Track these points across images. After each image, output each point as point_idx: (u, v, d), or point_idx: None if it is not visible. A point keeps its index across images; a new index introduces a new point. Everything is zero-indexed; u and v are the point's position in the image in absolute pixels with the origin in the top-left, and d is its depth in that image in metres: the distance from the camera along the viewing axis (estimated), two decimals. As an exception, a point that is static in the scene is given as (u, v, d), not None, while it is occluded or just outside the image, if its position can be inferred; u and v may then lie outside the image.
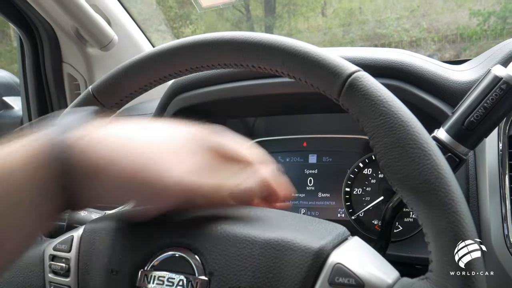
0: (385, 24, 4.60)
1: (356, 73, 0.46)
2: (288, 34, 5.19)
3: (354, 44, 4.57)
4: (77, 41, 1.11)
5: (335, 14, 5.24)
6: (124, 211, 0.56)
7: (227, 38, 0.52)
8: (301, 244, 0.44)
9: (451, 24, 4.50)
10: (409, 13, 4.75)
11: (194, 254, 0.48)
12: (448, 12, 4.63)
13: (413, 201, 0.41)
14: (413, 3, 4.81)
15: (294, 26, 5.31)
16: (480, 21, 4.23)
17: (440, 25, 4.53)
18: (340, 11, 5.12)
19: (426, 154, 0.41)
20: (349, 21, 4.99)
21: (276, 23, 5.34)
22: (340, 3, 5.20)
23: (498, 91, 0.53)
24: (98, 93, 0.57)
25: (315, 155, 0.94)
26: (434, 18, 4.58)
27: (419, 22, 4.56)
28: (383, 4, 4.92)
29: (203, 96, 0.87)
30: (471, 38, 4.16)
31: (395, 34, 4.49)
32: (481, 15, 4.23)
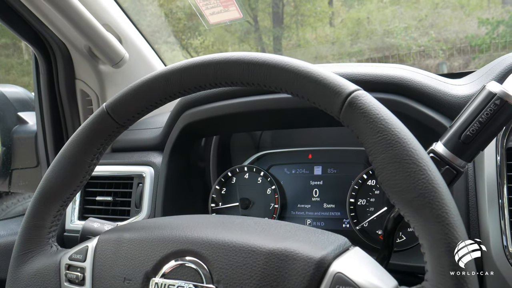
0: (393, 34, 4.59)
1: (355, 92, 0.48)
2: (296, 45, 5.20)
3: (362, 54, 4.57)
4: (89, 59, 1.14)
5: (343, 24, 5.25)
6: (135, 222, 0.58)
7: (234, 58, 0.54)
8: (304, 254, 0.47)
9: (460, 33, 4.49)
10: (417, 22, 4.75)
11: (202, 263, 0.50)
12: (456, 21, 4.62)
13: (410, 213, 0.44)
14: (421, 13, 4.81)
15: (302, 36, 5.33)
16: (489, 30, 4.22)
17: (449, 34, 4.52)
18: (348, 21, 5.13)
19: (421, 169, 0.43)
20: (357, 31, 5.00)
21: (284, 33, 5.36)
22: (348, 13, 5.21)
23: (492, 106, 0.55)
24: (111, 110, 0.60)
25: (320, 166, 0.96)
26: (442, 27, 4.58)
27: (428, 32, 4.56)
28: (391, 14, 4.92)
29: (210, 111, 0.90)
30: (480, 47, 4.15)
31: (404, 44, 4.49)
32: (490, 24, 4.22)
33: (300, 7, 5.26)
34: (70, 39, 1.10)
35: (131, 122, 0.62)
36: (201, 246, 0.51)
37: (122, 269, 0.54)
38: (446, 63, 4.29)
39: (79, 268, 0.57)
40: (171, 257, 0.52)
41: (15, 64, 5.39)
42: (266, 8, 5.41)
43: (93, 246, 0.58)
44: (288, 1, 5.35)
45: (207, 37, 5.25)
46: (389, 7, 5.16)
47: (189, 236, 0.53)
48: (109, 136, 0.62)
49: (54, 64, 1.15)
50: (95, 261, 0.57)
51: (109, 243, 0.57)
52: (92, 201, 1.04)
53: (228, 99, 0.88)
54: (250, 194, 0.98)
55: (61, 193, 0.61)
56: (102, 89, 1.16)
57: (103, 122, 0.61)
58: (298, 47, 5.08)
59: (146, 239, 0.55)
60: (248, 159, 1.04)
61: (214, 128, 0.99)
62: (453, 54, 4.38)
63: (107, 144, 0.62)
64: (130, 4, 2.86)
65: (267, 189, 0.97)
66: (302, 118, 0.89)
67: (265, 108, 0.85)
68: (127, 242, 0.56)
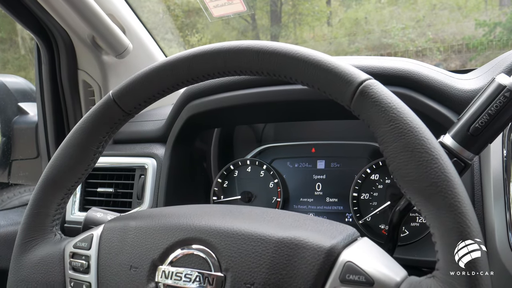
0: (390, 34, 4.60)
1: (367, 81, 0.48)
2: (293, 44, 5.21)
3: (359, 54, 4.58)
4: (92, 49, 1.13)
5: (340, 24, 5.26)
6: (140, 211, 0.58)
7: (244, 46, 0.54)
8: (314, 243, 0.47)
9: (457, 34, 4.51)
10: (414, 23, 4.76)
11: (210, 251, 0.50)
12: (453, 22, 4.63)
13: (421, 202, 0.44)
14: (419, 13, 4.83)
15: (299, 35, 5.33)
16: (486, 32, 4.23)
17: (446, 35, 4.54)
18: (346, 21, 5.14)
19: (434, 158, 0.43)
20: (354, 30, 5.01)
21: (281, 32, 5.36)
22: (345, 13, 5.22)
23: (502, 98, 0.55)
24: (118, 98, 0.60)
25: (323, 161, 0.96)
26: (440, 28, 4.59)
27: (425, 32, 4.57)
28: (388, 14, 4.93)
29: (214, 102, 0.89)
30: (477, 48, 4.17)
31: (401, 44, 4.50)
32: (487, 26, 4.23)
33: (298, 6, 5.26)
34: (74, 28, 1.10)
35: (138, 111, 0.62)
36: (209, 234, 0.51)
37: (128, 257, 0.54)
38: (443, 64, 4.30)
39: (84, 256, 0.57)
40: (178, 245, 0.52)
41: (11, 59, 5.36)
42: (264, 6, 5.41)
43: (98, 234, 0.58)
44: (286, 0, 5.35)
45: (204, 35, 5.24)
46: (387, 7, 5.17)
47: (197, 224, 0.52)
48: (115, 124, 0.61)
49: (56, 54, 1.15)
50: (100, 249, 0.56)
51: (114, 231, 0.57)
52: (93, 192, 1.03)
53: (233, 90, 0.88)
54: (252, 188, 0.97)
55: (65, 180, 0.61)
56: (104, 80, 1.15)
57: (109, 110, 0.60)
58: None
59: (153, 227, 0.54)
60: (250, 152, 1.04)
61: (218, 120, 0.99)
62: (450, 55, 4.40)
63: (113, 133, 0.62)
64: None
65: (270, 182, 0.97)
66: (307, 110, 0.89)
67: (270, 100, 0.85)
68: (133, 230, 0.55)
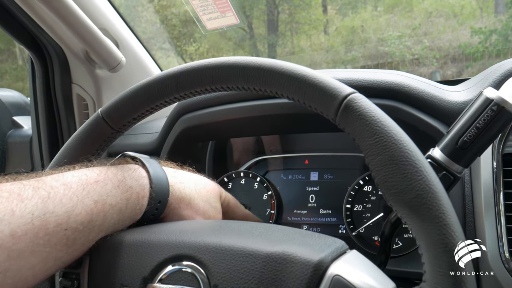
0: (387, 42, 4.64)
1: (352, 95, 0.48)
2: (290, 52, 5.23)
3: (356, 62, 4.60)
4: (86, 63, 1.14)
5: (337, 32, 5.30)
6: (130, 229, 0.58)
7: (230, 62, 0.55)
8: (302, 257, 0.47)
9: (453, 42, 4.54)
10: (411, 31, 4.80)
11: (199, 267, 0.50)
12: (449, 30, 4.67)
13: (407, 215, 0.44)
14: (415, 22, 4.87)
15: (296, 44, 5.36)
16: (482, 39, 4.27)
17: (442, 43, 4.57)
18: (342, 29, 5.18)
19: (418, 171, 0.44)
20: (351, 39, 5.04)
21: (279, 41, 5.39)
22: (342, 21, 5.26)
23: (489, 112, 0.55)
24: (107, 116, 0.60)
25: (316, 172, 0.96)
26: (436, 36, 4.63)
27: (421, 40, 4.61)
28: (385, 22, 4.97)
29: (207, 116, 0.90)
30: (473, 56, 4.20)
31: (397, 52, 4.53)
32: (482, 33, 4.27)
33: (295, 14, 5.30)
34: (67, 43, 1.10)
35: (127, 128, 0.62)
36: (198, 251, 0.51)
37: (119, 275, 0.54)
38: (439, 72, 4.33)
39: (74, 274, 0.57)
40: (168, 262, 0.52)
41: (9, 70, 5.39)
42: (261, 15, 5.44)
43: (89, 252, 0.58)
44: (283, 9, 5.39)
45: (202, 44, 5.27)
46: (383, 15, 5.21)
47: (186, 241, 0.52)
48: (104, 142, 0.61)
49: (50, 68, 1.15)
50: (90, 267, 0.56)
51: (105, 249, 0.57)
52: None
53: (226, 104, 0.88)
54: (246, 200, 0.98)
55: None
56: (98, 93, 1.16)
57: (98, 127, 0.60)
58: (292, 55, 5.11)
59: (143, 244, 0.54)
60: (244, 164, 1.04)
61: (212, 133, 0.99)
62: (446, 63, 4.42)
63: (103, 150, 0.62)
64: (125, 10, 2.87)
65: (264, 194, 0.97)
66: (299, 123, 0.89)
67: (263, 114, 0.85)
68: (123, 247, 0.55)
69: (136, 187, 0.57)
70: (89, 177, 0.53)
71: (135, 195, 0.57)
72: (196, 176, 0.71)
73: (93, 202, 0.51)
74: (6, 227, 0.43)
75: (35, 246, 0.46)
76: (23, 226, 0.45)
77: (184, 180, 0.66)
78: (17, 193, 0.46)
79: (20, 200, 0.46)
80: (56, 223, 0.47)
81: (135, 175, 0.58)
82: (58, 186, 0.50)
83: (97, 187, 0.53)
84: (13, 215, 0.44)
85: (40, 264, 0.47)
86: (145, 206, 0.58)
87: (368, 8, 5.35)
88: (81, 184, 0.51)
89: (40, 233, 0.46)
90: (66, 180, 0.51)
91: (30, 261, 0.46)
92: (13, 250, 0.44)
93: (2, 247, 0.43)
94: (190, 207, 0.65)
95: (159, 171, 0.61)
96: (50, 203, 0.47)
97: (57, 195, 0.49)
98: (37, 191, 0.47)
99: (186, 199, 0.64)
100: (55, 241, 0.48)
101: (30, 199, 0.46)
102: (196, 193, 0.66)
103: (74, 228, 0.49)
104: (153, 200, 0.59)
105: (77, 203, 0.50)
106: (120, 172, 0.56)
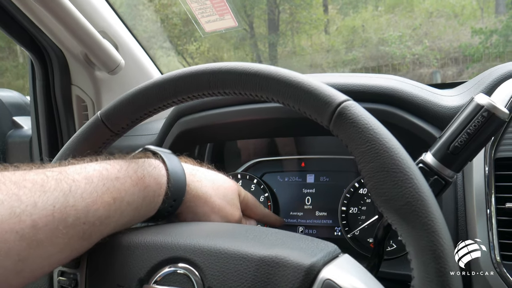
0: (387, 42, 4.64)
1: (345, 103, 0.49)
2: (291, 52, 5.23)
3: (357, 62, 4.60)
4: (85, 65, 1.15)
5: (338, 32, 5.29)
6: (128, 229, 0.59)
7: (227, 68, 0.56)
8: (294, 261, 0.48)
9: (454, 42, 4.54)
10: (411, 31, 4.80)
11: (194, 269, 0.51)
12: (450, 30, 4.67)
13: (397, 221, 0.45)
14: (416, 22, 4.86)
15: (297, 43, 5.36)
16: (482, 39, 4.27)
17: (443, 43, 4.57)
18: (343, 29, 5.17)
19: (408, 178, 0.44)
20: (352, 38, 5.04)
21: (279, 40, 5.38)
22: (343, 21, 5.25)
23: (480, 118, 0.56)
24: (106, 118, 0.61)
25: (312, 175, 0.97)
26: (436, 36, 4.62)
27: (422, 40, 4.61)
28: (386, 22, 4.97)
29: (204, 119, 0.91)
30: (474, 56, 4.20)
31: (398, 52, 4.53)
32: (483, 34, 4.27)
33: (295, 14, 5.29)
34: (67, 45, 1.12)
35: (125, 131, 0.63)
36: (193, 253, 0.52)
37: (116, 275, 0.55)
38: (439, 72, 4.32)
39: (72, 274, 0.58)
40: (164, 264, 0.53)
41: (9, 67, 5.39)
42: (261, 15, 5.44)
43: (87, 252, 0.59)
44: (284, 8, 5.38)
45: (202, 43, 5.27)
46: (384, 15, 5.20)
47: (182, 243, 0.53)
48: (103, 144, 0.62)
49: (50, 70, 1.16)
50: (88, 267, 0.57)
51: (102, 249, 0.58)
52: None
53: (223, 107, 0.89)
54: (243, 201, 0.98)
55: None
56: (97, 95, 1.17)
57: (97, 130, 0.62)
58: (293, 54, 5.12)
59: (140, 246, 0.55)
60: (241, 166, 1.05)
61: (209, 136, 1.00)
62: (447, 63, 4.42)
63: (101, 152, 0.63)
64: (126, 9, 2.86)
65: (260, 196, 0.98)
66: (296, 127, 0.90)
67: (259, 117, 0.86)
68: (121, 248, 0.56)
69: (153, 185, 0.58)
70: (110, 172, 0.55)
71: (152, 193, 0.58)
72: (214, 173, 0.72)
73: (112, 199, 0.53)
74: (28, 218, 0.45)
75: (54, 237, 0.48)
76: (44, 218, 0.47)
77: (201, 178, 0.68)
78: (40, 184, 0.48)
79: (42, 192, 0.47)
80: (75, 216, 0.49)
81: (154, 173, 0.59)
82: (80, 180, 0.51)
83: (117, 184, 0.54)
84: (35, 206, 0.46)
85: (57, 254, 0.49)
86: (160, 204, 0.60)
87: (369, 8, 5.34)
88: (101, 179, 0.53)
89: (60, 226, 0.48)
90: (87, 173, 0.53)
91: (48, 250, 0.48)
92: (33, 240, 0.46)
93: (24, 237, 0.45)
94: (206, 204, 0.66)
95: (178, 169, 0.62)
96: (71, 197, 0.49)
97: (78, 189, 0.50)
98: (59, 184, 0.49)
99: (202, 197, 0.66)
100: (73, 234, 0.50)
101: (52, 192, 0.48)
102: (213, 190, 0.68)
103: (91, 223, 0.51)
104: (168, 199, 0.60)
105: (97, 198, 0.51)
106: (140, 168, 0.58)
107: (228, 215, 0.69)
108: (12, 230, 0.44)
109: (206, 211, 0.66)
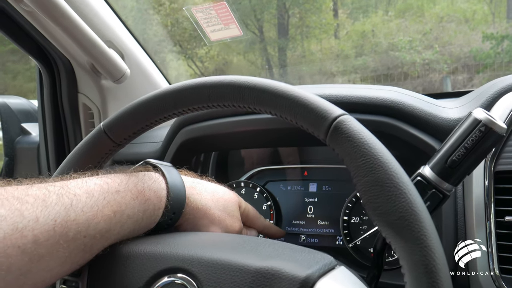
0: (397, 47, 4.61)
1: (341, 117, 0.50)
2: (301, 56, 5.23)
3: (366, 66, 4.58)
4: (92, 74, 1.17)
5: (348, 36, 5.27)
6: (128, 241, 0.60)
7: (226, 82, 0.57)
8: (289, 273, 0.48)
9: (464, 47, 4.50)
10: (422, 36, 4.76)
11: (191, 280, 0.52)
12: (461, 35, 4.63)
13: (391, 235, 0.45)
14: (426, 26, 4.83)
15: (307, 47, 5.34)
16: (494, 45, 4.23)
17: (453, 48, 4.53)
18: (353, 34, 5.15)
19: (402, 193, 0.45)
20: (361, 43, 5.02)
21: (289, 44, 5.37)
22: (353, 26, 5.23)
23: (477, 132, 0.56)
24: (108, 129, 0.62)
25: (315, 184, 0.98)
26: (447, 41, 4.59)
27: (432, 45, 4.57)
28: (395, 27, 4.94)
29: (207, 128, 0.92)
30: (484, 62, 4.16)
31: (408, 57, 4.50)
32: (494, 39, 4.23)
33: (305, 18, 5.28)
34: (73, 55, 1.14)
35: (128, 142, 0.64)
36: (191, 264, 0.53)
37: (116, 285, 0.56)
38: (450, 77, 4.29)
39: (74, 282, 0.59)
40: (163, 274, 0.54)
41: (21, 70, 5.44)
42: (271, 19, 5.43)
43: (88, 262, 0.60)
44: (293, 13, 5.38)
45: (212, 47, 5.27)
46: (394, 20, 5.17)
47: (180, 254, 0.54)
48: (105, 155, 0.64)
49: (57, 78, 1.18)
50: (89, 276, 0.58)
51: (103, 258, 0.59)
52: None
53: (225, 117, 0.90)
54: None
55: None
56: (103, 103, 1.18)
57: (100, 141, 0.63)
58: (303, 58, 5.11)
59: (139, 256, 0.56)
60: (244, 174, 1.06)
61: (212, 145, 1.01)
62: (457, 68, 4.38)
63: (104, 163, 0.65)
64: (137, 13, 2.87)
65: (263, 204, 0.99)
66: (297, 137, 0.91)
67: (261, 128, 0.87)
68: (121, 259, 0.57)
69: (153, 199, 0.59)
70: (111, 186, 0.56)
71: (152, 206, 0.59)
72: (214, 185, 0.73)
73: (112, 213, 0.54)
74: (30, 233, 0.46)
75: (55, 251, 0.49)
76: (45, 232, 0.48)
77: (201, 190, 0.69)
78: (42, 199, 0.49)
79: (44, 207, 0.49)
80: (76, 230, 0.50)
81: (154, 187, 0.60)
82: (81, 194, 0.52)
83: (117, 197, 0.55)
84: (37, 221, 0.47)
85: (58, 267, 0.50)
86: (159, 217, 0.61)
87: (379, 12, 5.31)
88: (102, 192, 0.54)
89: (60, 240, 0.49)
90: (88, 187, 0.54)
91: (50, 264, 0.49)
92: (35, 255, 0.47)
93: (25, 251, 0.46)
94: (206, 217, 0.67)
95: (177, 182, 0.63)
96: (72, 211, 0.50)
97: (79, 203, 0.51)
98: (60, 198, 0.50)
99: (202, 209, 0.66)
100: (74, 247, 0.51)
101: (54, 206, 0.49)
102: (212, 202, 0.68)
103: (92, 236, 0.52)
104: (168, 212, 0.61)
105: (97, 212, 0.52)
106: (141, 182, 0.59)
107: (228, 226, 0.70)
108: (14, 245, 0.45)
109: (205, 223, 0.67)
